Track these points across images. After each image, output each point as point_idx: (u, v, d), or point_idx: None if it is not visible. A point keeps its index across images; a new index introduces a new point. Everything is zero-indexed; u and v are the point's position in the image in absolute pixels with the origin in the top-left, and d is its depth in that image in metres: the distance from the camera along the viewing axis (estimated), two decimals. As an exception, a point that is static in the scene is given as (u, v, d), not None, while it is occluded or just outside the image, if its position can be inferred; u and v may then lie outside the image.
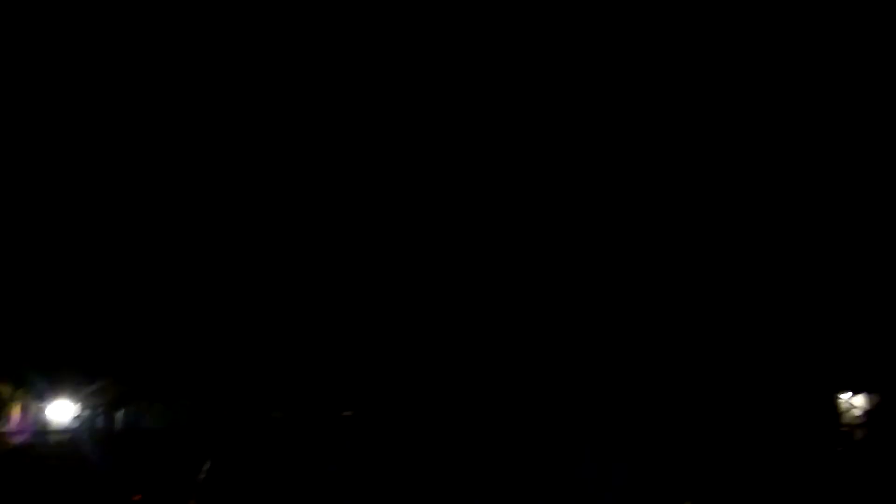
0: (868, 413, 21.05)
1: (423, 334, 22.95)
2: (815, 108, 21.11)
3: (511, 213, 22.92)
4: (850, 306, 20.76)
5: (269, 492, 9.54)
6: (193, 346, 24.05)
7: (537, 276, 22.70)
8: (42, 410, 24.96)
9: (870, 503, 13.17)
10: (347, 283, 23.74)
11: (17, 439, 22.89)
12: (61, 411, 24.78)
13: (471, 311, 22.71)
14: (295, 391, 23.28)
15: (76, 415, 24.51)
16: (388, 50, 22.78)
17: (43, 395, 24.44)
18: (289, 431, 10.59)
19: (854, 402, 21.47)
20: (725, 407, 20.03)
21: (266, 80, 23.01)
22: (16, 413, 24.60)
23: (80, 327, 23.49)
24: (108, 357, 23.63)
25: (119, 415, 25.46)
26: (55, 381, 23.85)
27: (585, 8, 21.87)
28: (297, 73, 23.01)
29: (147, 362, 23.99)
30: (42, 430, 24.07)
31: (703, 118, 21.64)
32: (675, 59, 21.61)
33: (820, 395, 21.12)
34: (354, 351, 23.81)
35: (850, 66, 20.64)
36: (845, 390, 21.53)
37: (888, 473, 15.29)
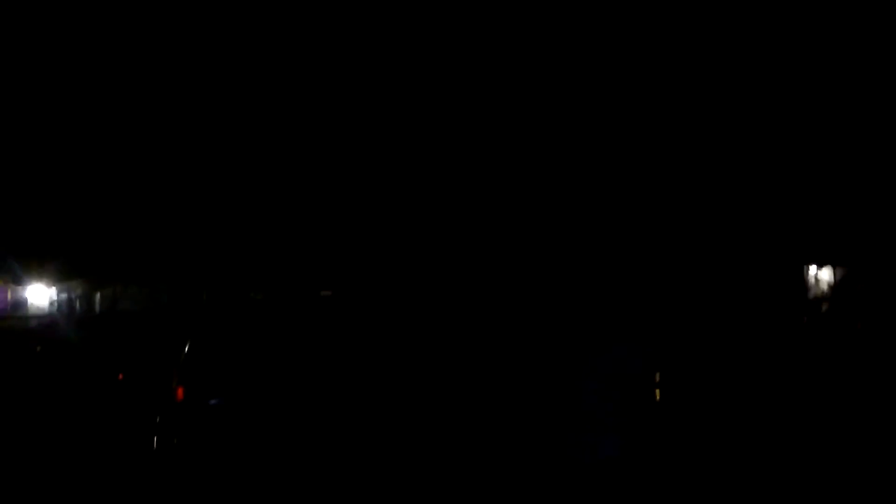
0: (833, 285, 21.58)
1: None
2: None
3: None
4: (815, 183, 21.03)
5: (250, 371, 9.76)
6: (170, 228, 24.12)
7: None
8: (20, 293, 25.13)
9: (834, 373, 13.68)
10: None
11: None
12: (39, 294, 24.95)
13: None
14: (274, 272, 23.54)
15: (55, 298, 24.70)
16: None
17: (20, 279, 24.55)
18: (269, 312, 10.77)
19: (820, 275, 21.96)
20: (695, 280, 20.46)
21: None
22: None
23: (57, 213, 23.47)
24: (85, 242, 23.69)
25: (97, 297, 25.68)
26: (33, 265, 23.95)
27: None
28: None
29: (123, 245, 24.07)
30: (21, 312, 24.28)
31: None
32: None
33: (787, 268, 21.56)
34: (335, 235, 24.05)
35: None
36: (812, 263, 21.98)
37: (851, 345, 15.80)
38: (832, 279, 21.74)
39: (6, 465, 11.83)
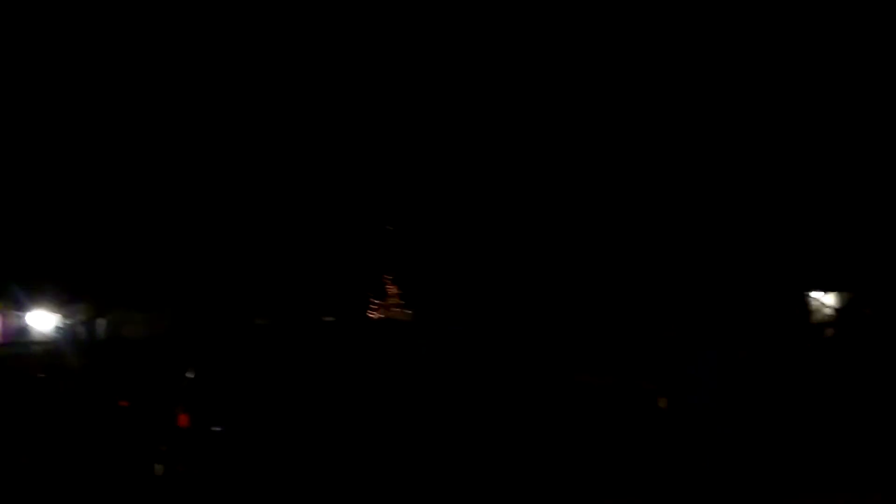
0: (838, 311, 21.48)
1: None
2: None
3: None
4: (821, 206, 21.01)
5: (256, 398, 9.72)
6: (173, 252, 24.13)
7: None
8: (22, 319, 25.09)
9: (839, 397, 13.62)
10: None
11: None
12: (42, 321, 24.91)
13: None
14: (278, 297, 23.52)
15: (58, 324, 24.63)
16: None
17: (23, 305, 24.54)
18: (273, 337, 10.74)
19: (824, 301, 21.87)
20: (702, 302, 20.46)
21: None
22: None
23: (60, 238, 23.48)
24: (87, 267, 23.68)
25: (100, 323, 25.62)
26: (35, 291, 23.93)
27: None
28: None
29: (126, 271, 24.07)
30: (24, 339, 24.23)
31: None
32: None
33: (791, 293, 21.50)
34: (338, 257, 24.05)
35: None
36: (816, 289, 21.91)
37: (856, 370, 15.72)
38: (837, 304, 21.65)
39: (9, 493, 11.78)
